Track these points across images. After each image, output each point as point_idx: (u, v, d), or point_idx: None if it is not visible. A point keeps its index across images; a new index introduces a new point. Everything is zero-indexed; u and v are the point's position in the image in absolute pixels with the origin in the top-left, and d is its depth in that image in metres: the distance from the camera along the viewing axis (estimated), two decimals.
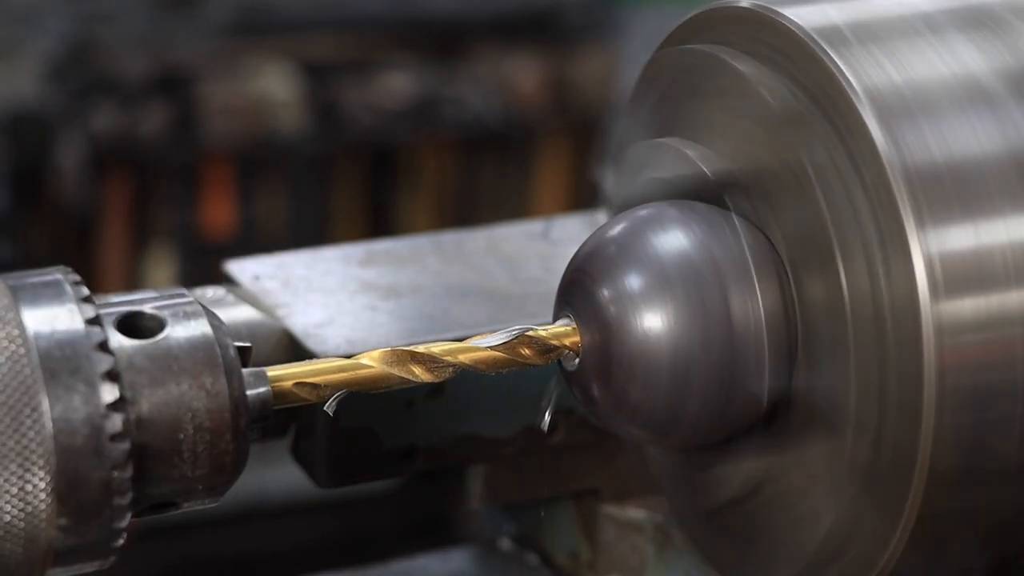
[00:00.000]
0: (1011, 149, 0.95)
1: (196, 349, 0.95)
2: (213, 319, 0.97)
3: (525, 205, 4.66)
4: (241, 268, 1.29)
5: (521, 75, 4.63)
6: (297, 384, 0.98)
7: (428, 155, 4.66)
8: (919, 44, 0.98)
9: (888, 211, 0.93)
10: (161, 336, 0.95)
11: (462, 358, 1.01)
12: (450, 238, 1.38)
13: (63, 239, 4.35)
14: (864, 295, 0.95)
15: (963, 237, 0.93)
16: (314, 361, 1.01)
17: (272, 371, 0.99)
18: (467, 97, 4.59)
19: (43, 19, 4.23)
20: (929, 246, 0.92)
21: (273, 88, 4.42)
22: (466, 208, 4.65)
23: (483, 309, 1.26)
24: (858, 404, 0.96)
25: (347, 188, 4.61)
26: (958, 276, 0.92)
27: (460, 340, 1.02)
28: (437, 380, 1.01)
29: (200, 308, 0.97)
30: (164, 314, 0.96)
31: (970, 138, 0.95)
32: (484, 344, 1.01)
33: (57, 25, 4.24)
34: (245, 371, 0.97)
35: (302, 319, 1.23)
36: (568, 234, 1.37)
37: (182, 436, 0.93)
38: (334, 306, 1.25)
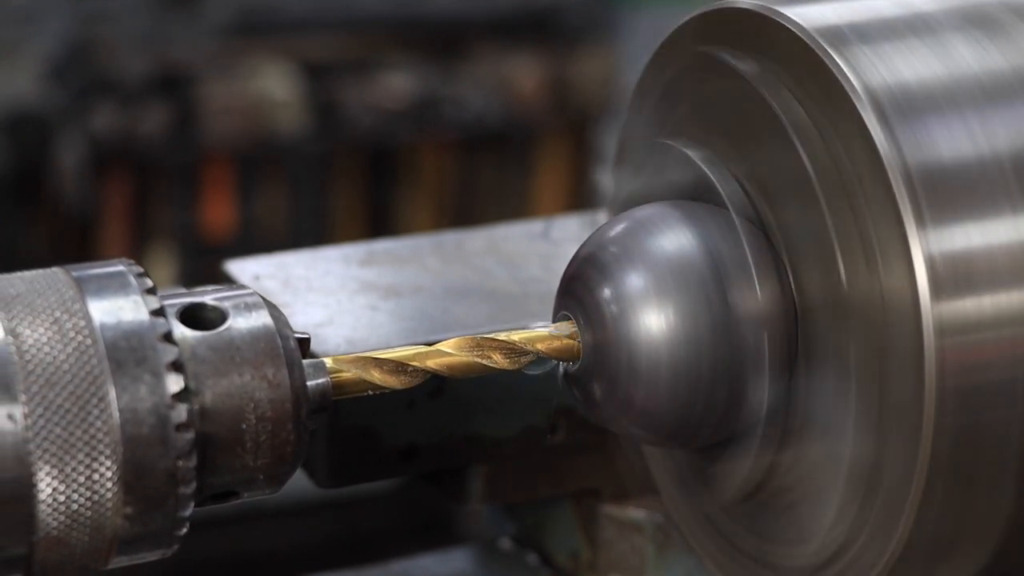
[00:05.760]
0: (1011, 149, 0.95)
1: (258, 340, 0.95)
2: (273, 311, 0.98)
3: (525, 205, 4.66)
4: (241, 268, 1.29)
5: (521, 75, 4.63)
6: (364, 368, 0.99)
7: (428, 155, 4.65)
8: (919, 44, 0.98)
9: (888, 211, 0.93)
10: (223, 327, 0.95)
11: (540, 346, 1.02)
12: (450, 238, 1.37)
13: (63, 239, 4.35)
14: (864, 295, 0.95)
15: (963, 237, 0.93)
16: (379, 352, 1.01)
17: (333, 361, 0.99)
18: (467, 97, 4.59)
19: (43, 19, 4.23)
20: (929, 246, 0.92)
21: (273, 88, 4.42)
22: (466, 208, 4.65)
23: (483, 309, 1.26)
24: (858, 404, 0.96)
25: (347, 188, 4.60)
26: (958, 276, 0.92)
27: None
28: (514, 368, 1.01)
29: (261, 300, 0.98)
30: (226, 305, 0.97)
31: (970, 138, 0.95)
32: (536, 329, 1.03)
33: (57, 25, 4.24)
34: (305, 362, 0.97)
35: (302, 319, 1.23)
36: (568, 234, 1.37)
37: (244, 426, 0.94)
38: (334, 306, 1.25)
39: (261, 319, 0.96)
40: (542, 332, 1.02)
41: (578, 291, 1.03)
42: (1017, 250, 0.93)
